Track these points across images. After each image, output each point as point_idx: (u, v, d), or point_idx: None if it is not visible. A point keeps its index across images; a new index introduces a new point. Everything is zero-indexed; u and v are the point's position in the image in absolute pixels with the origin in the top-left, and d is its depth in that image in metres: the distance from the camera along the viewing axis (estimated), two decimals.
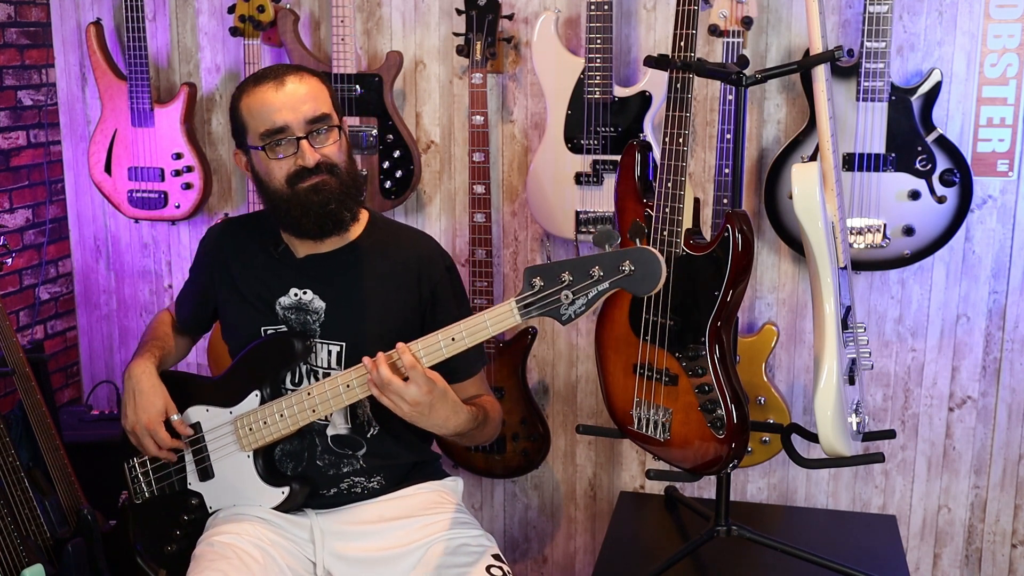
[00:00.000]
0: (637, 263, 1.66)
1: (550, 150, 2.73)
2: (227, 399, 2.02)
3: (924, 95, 2.52)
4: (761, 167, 2.75)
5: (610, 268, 1.67)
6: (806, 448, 2.75)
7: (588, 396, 3.01)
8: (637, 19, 2.78)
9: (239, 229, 2.16)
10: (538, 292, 1.71)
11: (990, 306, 2.73)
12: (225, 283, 2.11)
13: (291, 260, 2.05)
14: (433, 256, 2.08)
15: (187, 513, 2.07)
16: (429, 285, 2.05)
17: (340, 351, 2.02)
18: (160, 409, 2.01)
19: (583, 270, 1.69)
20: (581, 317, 1.71)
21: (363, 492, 2.06)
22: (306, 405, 1.93)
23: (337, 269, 2.03)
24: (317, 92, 1.96)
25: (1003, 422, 2.77)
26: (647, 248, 1.67)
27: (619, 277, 1.67)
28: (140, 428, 2.01)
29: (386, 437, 2.05)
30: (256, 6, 2.82)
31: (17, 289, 3.15)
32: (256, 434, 1.98)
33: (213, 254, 2.15)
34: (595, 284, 1.68)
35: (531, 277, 1.71)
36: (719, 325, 2.15)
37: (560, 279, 1.70)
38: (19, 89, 3.12)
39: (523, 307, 1.73)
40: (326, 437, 2.03)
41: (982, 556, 2.86)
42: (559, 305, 1.70)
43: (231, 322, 2.12)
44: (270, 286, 2.05)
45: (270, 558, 1.94)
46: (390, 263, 2.05)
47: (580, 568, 3.11)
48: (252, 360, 2.03)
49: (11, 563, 2.22)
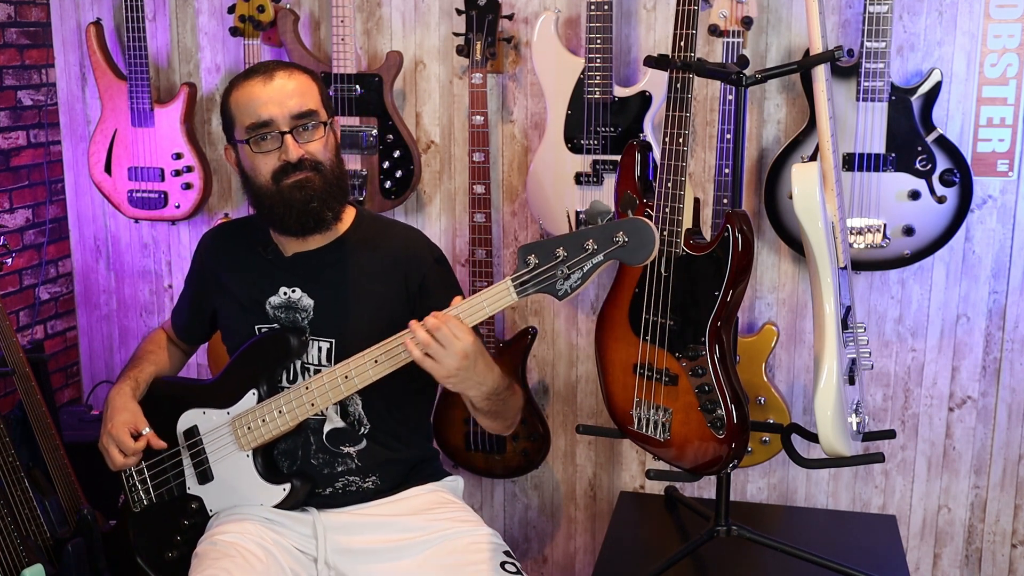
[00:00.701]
0: (630, 233, 1.67)
1: (550, 150, 2.73)
2: (224, 400, 2.02)
3: (924, 95, 2.52)
4: (761, 167, 2.75)
5: (604, 240, 1.69)
6: (806, 448, 2.75)
7: (588, 396, 3.01)
8: (637, 19, 2.78)
9: (232, 234, 2.17)
10: (533, 269, 1.72)
11: (990, 306, 2.73)
12: (219, 288, 2.12)
13: (280, 260, 2.06)
14: (420, 249, 2.08)
15: (187, 518, 2.07)
16: (417, 278, 2.04)
17: (330, 347, 2.01)
18: (126, 420, 2.02)
19: (577, 244, 1.70)
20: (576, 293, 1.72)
21: (359, 492, 2.05)
22: (304, 399, 1.93)
23: (324, 266, 2.03)
24: (305, 88, 1.96)
25: (1003, 422, 2.77)
26: (639, 218, 1.69)
27: (613, 248, 1.69)
28: (105, 437, 2.02)
29: (378, 434, 2.05)
30: (256, 6, 2.82)
31: (17, 289, 3.15)
32: (255, 432, 1.98)
33: (207, 261, 2.16)
34: (590, 257, 1.69)
35: (525, 255, 1.72)
36: (719, 325, 2.15)
37: (555, 255, 1.71)
38: (19, 89, 3.12)
39: (519, 285, 1.74)
40: (320, 435, 2.03)
41: (982, 556, 2.86)
42: (555, 280, 1.71)
43: (227, 326, 2.13)
44: (261, 287, 2.06)
45: (272, 557, 1.94)
46: (377, 258, 2.05)
47: (580, 568, 3.11)
48: (248, 359, 2.03)
49: (11, 563, 2.22)
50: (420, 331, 1.77)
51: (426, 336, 1.76)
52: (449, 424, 2.87)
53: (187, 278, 2.24)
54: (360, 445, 2.04)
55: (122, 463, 2.02)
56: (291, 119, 1.93)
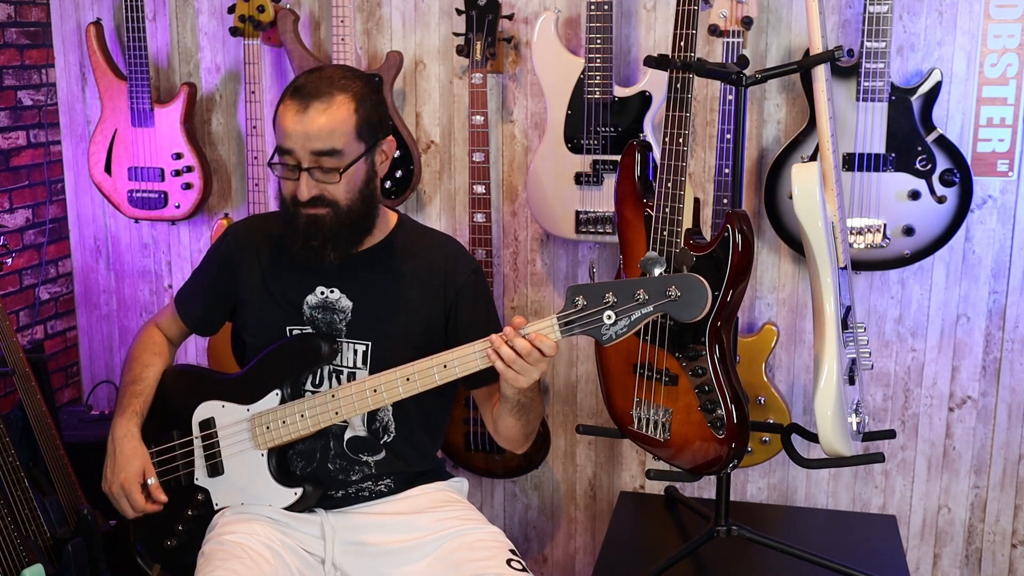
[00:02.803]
0: (683, 290, 1.69)
1: (550, 150, 2.73)
2: (245, 396, 2.01)
3: (924, 95, 2.52)
4: (761, 167, 2.75)
5: (656, 292, 1.70)
6: (806, 448, 2.75)
7: (588, 396, 3.01)
8: (637, 19, 2.78)
9: (264, 227, 2.13)
10: (581, 311, 1.74)
11: (990, 306, 2.73)
12: (248, 282, 2.08)
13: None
14: (460, 259, 2.09)
15: (191, 508, 2.07)
16: (454, 288, 2.05)
17: (366, 351, 2.01)
18: (137, 470, 2.01)
19: (628, 292, 1.72)
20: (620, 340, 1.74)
21: (371, 495, 2.06)
22: (329, 407, 1.93)
23: (366, 269, 2.03)
24: (337, 124, 1.89)
25: (1003, 422, 2.77)
26: (694, 276, 1.70)
27: (664, 301, 1.70)
28: (116, 488, 2.01)
29: (399, 442, 2.05)
30: (256, 6, 2.82)
31: (17, 289, 3.15)
32: (273, 433, 1.98)
33: (235, 252, 2.11)
34: (640, 307, 1.71)
35: (574, 296, 1.74)
36: (719, 325, 2.15)
37: (603, 299, 1.73)
38: (19, 89, 3.12)
39: (564, 324, 1.76)
40: (342, 441, 2.03)
41: (982, 556, 2.86)
42: (601, 325, 1.73)
43: (254, 321, 2.09)
44: (297, 284, 2.04)
45: (280, 559, 1.94)
46: (417, 265, 2.05)
47: (580, 568, 3.11)
48: (275, 359, 2.02)
49: (11, 563, 2.22)
50: (504, 348, 1.79)
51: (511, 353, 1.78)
52: (449, 424, 2.86)
53: (204, 266, 2.18)
54: (379, 455, 2.04)
55: (131, 516, 2.03)
56: (311, 156, 1.89)
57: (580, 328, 1.75)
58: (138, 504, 2.00)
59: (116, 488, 2.01)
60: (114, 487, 2.01)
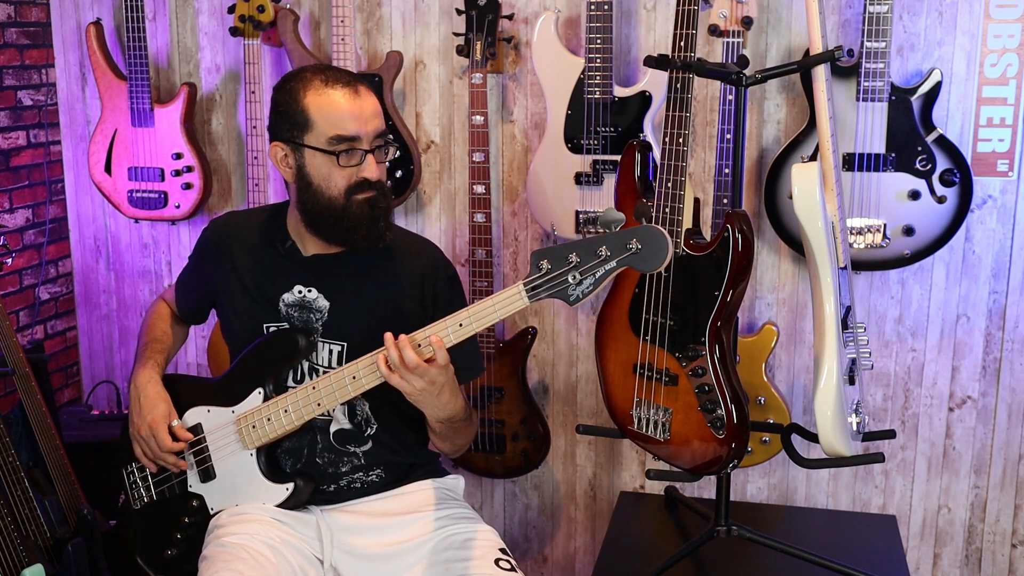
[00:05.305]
0: (644, 241, 1.68)
1: (550, 150, 2.73)
2: (229, 398, 2.02)
3: (924, 95, 2.52)
4: (761, 167, 2.75)
5: (617, 247, 1.69)
6: (806, 448, 2.75)
7: (588, 396, 3.01)
8: (637, 19, 2.78)
9: (242, 224, 2.15)
10: (545, 274, 1.73)
11: (990, 306, 2.73)
12: (228, 276, 2.10)
13: (297, 257, 2.05)
14: (437, 264, 2.10)
15: (187, 516, 2.07)
16: (431, 293, 2.06)
17: (341, 351, 2.02)
18: (164, 412, 2.03)
19: (590, 250, 1.70)
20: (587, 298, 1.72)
21: (363, 487, 2.06)
22: (311, 399, 1.93)
23: (344, 270, 2.03)
24: (379, 108, 1.99)
25: (1003, 422, 2.77)
26: (652, 226, 1.69)
27: (626, 255, 1.69)
28: (145, 430, 2.02)
29: (383, 433, 2.06)
30: (256, 6, 2.82)
31: (17, 289, 3.15)
32: (259, 431, 1.98)
33: (218, 245, 2.13)
34: (603, 263, 1.70)
35: (538, 260, 1.73)
36: (719, 325, 2.15)
37: (567, 260, 1.71)
38: (19, 89, 3.12)
39: (531, 289, 1.74)
40: (328, 434, 2.04)
41: (982, 556, 2.86)
42: (567, 286, 1.72)
43: (231, 317, 2.11)
44: (274, 281, 2.05)
45: (282, 557, 1.94)
46: (396, 268, 2.06)
47: (580, 568, 3.11)
48: (255, 357, 2.03)
49: (11, 563, 2.22)
50: (393, 351, 1.80)
51: (397, 357, 1.79)
52: None
53: (193, 259, 2.21)
54: (366, 446, 2.05)
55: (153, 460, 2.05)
56: (374, 138, 1.95)
57: (547, 292, 1.73)
58: (165, 443, 2.01)
59: (145, 430, 2.02)
60: (143, 429, 2.03)
